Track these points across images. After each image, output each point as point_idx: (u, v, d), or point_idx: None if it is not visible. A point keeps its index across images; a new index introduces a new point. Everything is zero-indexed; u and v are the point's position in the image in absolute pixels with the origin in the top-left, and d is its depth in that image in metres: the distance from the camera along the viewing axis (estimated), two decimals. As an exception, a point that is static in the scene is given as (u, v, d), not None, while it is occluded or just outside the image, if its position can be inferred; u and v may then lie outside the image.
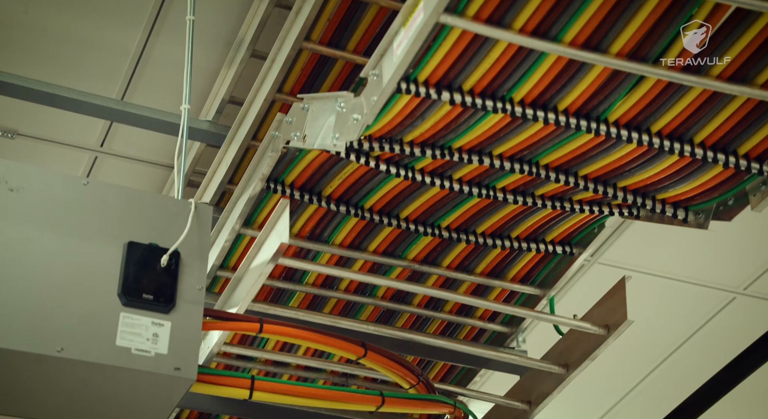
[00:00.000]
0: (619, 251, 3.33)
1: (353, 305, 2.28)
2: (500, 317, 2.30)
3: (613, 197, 1.69)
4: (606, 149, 1.62)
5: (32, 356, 1.45)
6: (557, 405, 2.65)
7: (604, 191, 1.68)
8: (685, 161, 1.61)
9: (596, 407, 4.16)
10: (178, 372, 1.52)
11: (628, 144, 1.56)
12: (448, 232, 2.02)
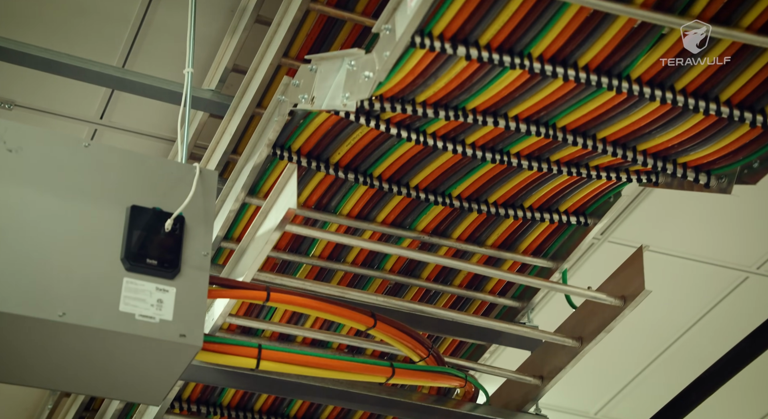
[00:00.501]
0: (630, 229, 3.29)
1: (360, 279, 2.24)
2: (511, 291, 2.26)
3: (633, 161, 1.64)
4: (627, 108, 1.57)
5: (33, 320, 1.41)
6: (567, 386, 2.62)
7: (624, 154, 1.63)
8: (710, 121, 1.57)
9: (607, 387, 4.13)
10: (184, 338, 1.49)
11: (651, 102, 1.51)
12: (459, 201, 1.97)
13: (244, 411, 2.52)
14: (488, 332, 2.25)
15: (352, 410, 2.64)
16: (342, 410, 2.63)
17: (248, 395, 2.57)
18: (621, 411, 4.28)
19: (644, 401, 4.14)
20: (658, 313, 3.49)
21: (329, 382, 2.07)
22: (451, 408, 2.10)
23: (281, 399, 2.62)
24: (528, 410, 2.17)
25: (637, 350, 3.87)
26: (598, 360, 3.58)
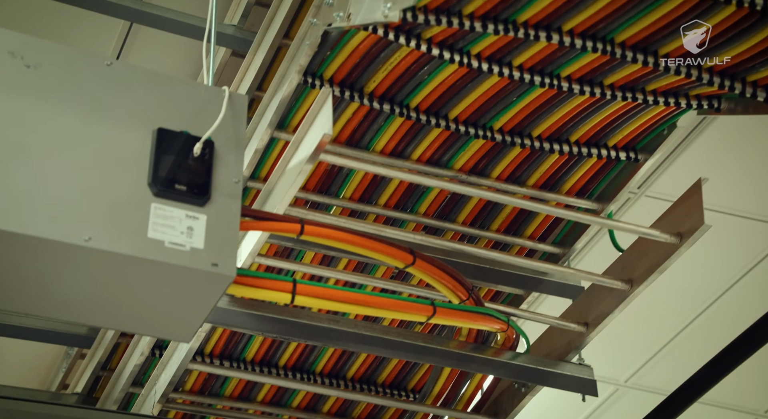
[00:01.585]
0: (668, 183, 3.20)
1: (393, 223, 2.17)
2: (551, 236, 2.18)
3: (697, 80, 1.55)
4: (696, 16, 1.47)
5: (58, 245, 1.35)
6: (596, 353, 2.56)
7: (688, 72, 1.54)
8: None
9: (638, 354, 4.07)
10: (216, 268, 1.42)
11: (726, 6, 1.42)
12: (501, 135, 1.89)
13: (268, 367, 2.47)
14: (527, 279, 2.19)
15: (381, 366, 2.60)
16: (370, 367, 2.59)
17: (272, 350, 2.52)
18: (652, 378, 4.22)
19: (677, 368, 4.07)
20: (693, 273, 3.41)
21: (362, 327, 2.01)
22: (490, 356, 2.03)
23: (307, 355, 2.57)
24: (570, 359, 2.11)
25: (670, 314, 3.79)
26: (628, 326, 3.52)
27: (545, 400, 3.17)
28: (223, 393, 2.55)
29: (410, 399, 2.51)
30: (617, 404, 4.39)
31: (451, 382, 2.41)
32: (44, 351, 3.72)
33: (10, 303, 1.45)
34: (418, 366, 2.65)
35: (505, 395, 2.35)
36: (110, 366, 3.13)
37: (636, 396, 4.30)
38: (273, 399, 2.62)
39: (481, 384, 2.39)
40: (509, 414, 2.33)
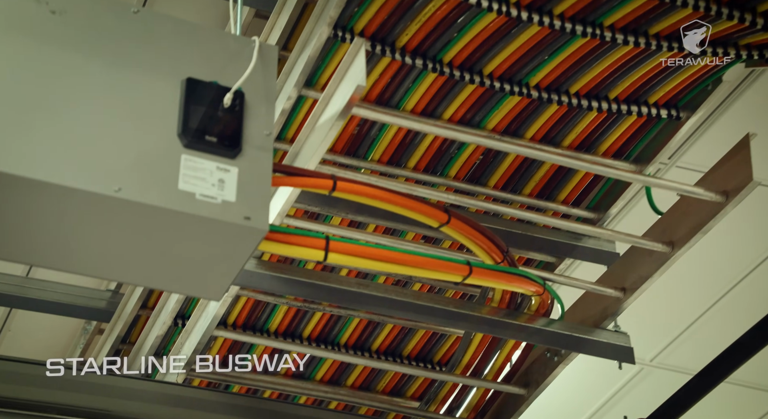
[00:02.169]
0: (699, 153, 3.14)
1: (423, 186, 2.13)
2: (585, 201, 2.14)
3: (750, 25, 1.50)
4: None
5: (87, 195, 1.32)
6: (625, 329, 2.51)
7: (741, 17, 1.49)
8: None
9: (663, 333, 4.02)
10: (248, 221, 1.39)
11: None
12: (537, 92, 1.84)
13: (292, 338, 2.45)
14: (561, 245, 2.14)
15: (407, 338, 2.57)
16: (395, 339, 2.56)
17: (296, 321, 2.50)
18: (678, 357, 4.17)
19: (704, 347, 4.02)
20: (721, 249, 3.35)
21: (393, 292, 1.98)
22: (524, 322, 2.00)
23: (331, 326, 2.54)
24: (606, 326, 2.07)
25: (697, 291, 3.73)
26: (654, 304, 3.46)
27: (570, 380, 3.13)
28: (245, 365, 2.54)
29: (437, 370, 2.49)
30: (642, 383, 4.35)
31: (481, 352, 2.37)
32: (61, 326, 3.72)
33: (38, 258, 1.42)
34: (445, 339, 2.62)
35: (537, 365, 2.32)
36: (130, 339, 3.12)
37: (661, 376, 4.26)
38: (296, 372, 2.60)
39: (511, 354, 2.36)
40: (540, 385, 2.29)
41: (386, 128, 2.00)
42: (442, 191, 1.89)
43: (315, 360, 2.56)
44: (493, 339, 2.33)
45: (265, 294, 2.36)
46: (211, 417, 2.12)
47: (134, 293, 3.12)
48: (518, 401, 2.37)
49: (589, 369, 4.28)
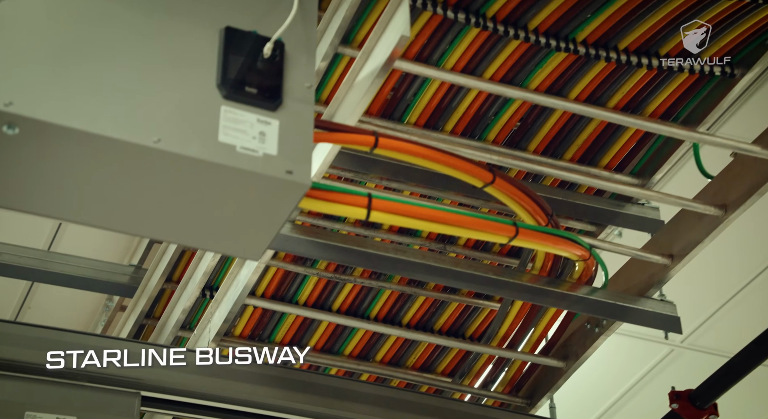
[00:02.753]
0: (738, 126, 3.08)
1: (460, 152, 2.09)
2: (629, 166, 2.08)
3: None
4: None
5: (126, 146, 1.29)
6: None
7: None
8: None
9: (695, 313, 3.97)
10: (290, 175, 1.36)
11: None
12: (584, 47, 1.79)
13: (321, 310, 2.42)
14: (603, 212, 2.10)
15: (439, 311, 2.54)
16: (426, 312, 2.52)
17: (326, 293, 2.47)
18: (709, 339, 4.12)
19: (737, 328, 3.96)
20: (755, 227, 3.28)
21: (431, 258, 1.94)
22: (566, 290, 1.96)
23: (361, 299, 2.51)
24: (651, 295, 2.03)
25: (729, 271, 3.67)
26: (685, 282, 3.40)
27: (598, 362, 3.09)
28: (273, 339, 2.51)
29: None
30: (673, 365, 4.30)
31: (518, 323, 2.34)
32: (82, 302, 3.72)
33: (72, 213, 1.39)
34: (478, 312, 2.58)
35: (576, 336, 2.28)
36: (154, 314, 3.10)
37: (692, 358, 4.21)
38: (325, 346, 2.57)
39: (549, 326, 2.32)
40: (580, 357, 2.26)
41: (422, 91, 1.96)
42: (485, 151, 1.85)
43: (344, 334, 2.53)
44: (531, 311, 2.29)
45: (294, 265, 2.33)
46: (242, 387, 2.09)
47: (158, 268, 3.10)
48: (556, 374, 2.33)
49: (618, 351, 4.25)
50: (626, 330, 4.23)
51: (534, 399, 2.41)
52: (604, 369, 4.15)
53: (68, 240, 3.51)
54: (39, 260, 3.25)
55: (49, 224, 3.47)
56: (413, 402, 2.28)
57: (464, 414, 2.29)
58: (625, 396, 4.43)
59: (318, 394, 2.20)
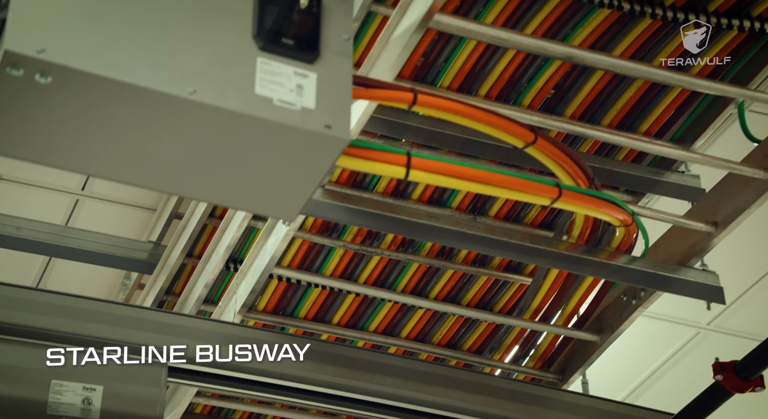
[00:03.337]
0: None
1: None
2: (669, 133, 2.03)
3: None
4: None
5: (161, 97, 1.25)
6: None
7: None
8: None
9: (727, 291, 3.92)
10: (329, 130, 1.32)
11: None
12: (629, 3, 1.74)
13: (347, 283, 2.39)
14: (642, 180, 2.05)
15: (467, 286, 2.50)
16: (454, 287, 2.49)
17: (352, 266, 2.44)
18: (737, 321, 4.06)
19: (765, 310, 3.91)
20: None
21: (465, 225, 1.90)
22: (604, 259, 1.91)
23: (388, 272, 2.48)
24: (693, 265, 1.98)
25: (758, 251, 3.61)
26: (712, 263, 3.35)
27: (623, 343, 3.05)
28: (297, 314, 2.48)
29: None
30: (698, 348, 4.25)
31: (552, 296, 2.30)
32: (100, 280, 3.70)
33: (104, 168, 1.36)
34: (508, 286, 2.54)
35: (611, 309, 2.24)
36: (174, 290, 3.08)
37: (719, 340, 4.16)
38: (349, 322, 2.55)
39: (584, 298, 2.28)
40: (616, 330, 2.22)
41: (455, 55, 1.91)
42: (526, 110, 1.80)
43: (369, 309, 2.50)
44: (565, 283, 2.25)
45: (321, 237, 2.30)
46: (269, 359, 2.07)
47: (179, 242, 3.08)
48: (590, 348, 2.29)
49: (643, 333, 4.20)
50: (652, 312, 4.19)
51: (566, 374, 2.38)
52: (626, 353, 4.11)
53: (85, 216, 3.50)
54: (57, 235, 3.23)
55: (66, 200, 3.45)
56: (443, 375, 2.25)
57: (495, 388, 2.26)
58: (648, 380, 4.38)
59: (347, 366, 2.18)
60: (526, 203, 2.25)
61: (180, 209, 3.39)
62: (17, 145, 1.31)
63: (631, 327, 2.34)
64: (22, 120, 1.26)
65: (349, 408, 2.17)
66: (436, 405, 2.18)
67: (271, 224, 2.23)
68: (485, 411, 2.20)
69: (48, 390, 1.77)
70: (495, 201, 2.24)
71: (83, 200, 3.50)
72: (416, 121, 1.98)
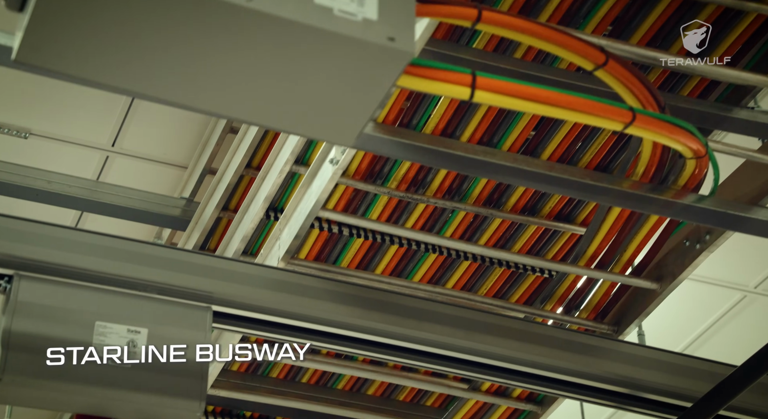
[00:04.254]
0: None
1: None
2: (744, 60, 1.94)
3: None
4: None
5: (216, 5, 1.20)
6: (724, 256, 2.31)
7: None
8: None
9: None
10: (392, 43, 1.25)
11: None
12: None
13: (393, 227, 2.32)
14: (709, 116, 1.97)
15: (515, 235, 2.44)
16: (502, 237, 2.43)
17: (396, 214, 2.38)
18: (786, 284, 3.98)
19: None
20: None
21: (522, 161, 1.83)
22: (671, 198, 1.84)
23: (434, 221, 2.42)
24: (765, 205, 1.90)
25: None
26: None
27: (669, 307, 2.98)
28: (340, 262, 2.44)
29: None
30: (745, 312, 4.18)
31: (609, 241, 2.23)
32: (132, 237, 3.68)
33: (153, 86, 1.31)
34: (558, 236, 2.48)
35: (673, 255, 2.17)
36: (209, 247, 3.05)
37: (766, 304, 4.08)
38: (395, 269, 2.50)
39: (643, 245, 2.21)
40: (677, 277, 2.15)
41: None
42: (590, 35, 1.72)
43: (414, 258, 2.45)
44: (624, 228, 2.18)
45: (365, 183, 2.24)
46: (315, 304, 2.03)
47: (214, 195, 3.04)
48: (648, 297, 2.23)
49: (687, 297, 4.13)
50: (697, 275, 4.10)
51: (621, 325, 2.32)
52: (672, 316, 4.04)
53: (116, 173, 3.47)
54: (88, 189, 3.21)
55: (96, 157, 3.43)
56: (493, 324, 2.20)
57: (548, 337, 2.21)
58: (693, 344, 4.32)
59: (395, 314, 2.13)
60: (581, 145, 2.17)
61: (213, 164, 3.35)
62: (64, 58, 1.25)
63: (677, 289, 2.27)
64: (68, 28, 1.21)
65: (397, 357, 2.13)
66: (485, 354, 2.14)
67: (316, 166, 2.18)
68: (538, 360, 2.15)
69: (92, 332, 1.74)
70: (548, 144, 2.17)
71: (113, 157, 3.47)
72: (469, 53, 1.91)
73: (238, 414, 2.78)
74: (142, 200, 3.26)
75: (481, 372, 2.16)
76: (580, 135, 2.17)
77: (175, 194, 3.50)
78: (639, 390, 2.16)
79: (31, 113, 3.30)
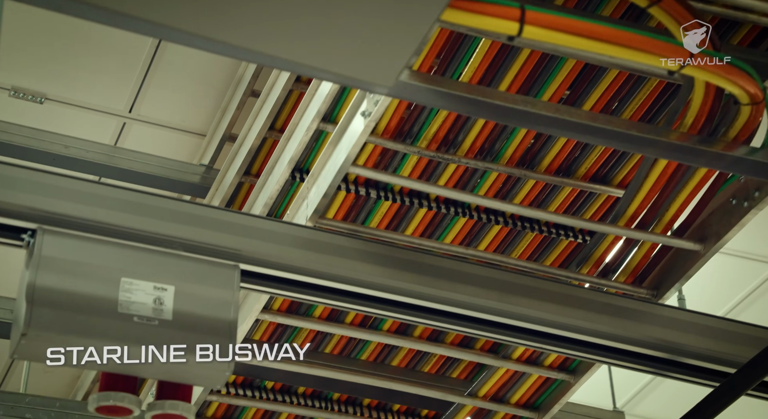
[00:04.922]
0: None
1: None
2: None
3: None
4: None
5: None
6: (755, 225, 2.24)
7: None
8: None
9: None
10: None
11: None
12: None
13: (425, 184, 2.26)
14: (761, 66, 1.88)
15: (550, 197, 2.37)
16: (537, 197, 2.37)
17: (426, 175, 2.33)
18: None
19: None
20: None
21: (563, 112, 1.76)
22: (721, 150, 1.77)
23: (465, 181, 2.36)
24: (820, 158, 1.83)
25: None
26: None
27: (698, 280, 2.92)
28: (368, 223, 2.39)
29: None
30: (787, 282, 4.11)
31: (651, 200, 2.16)
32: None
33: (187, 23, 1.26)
34: (593, 198, 2.42)
35: (718, 214, 2.10)
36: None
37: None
38: (424, 234, 2.44)
39: (687, 203, 2.14)
40: (722, 238, 2.08)
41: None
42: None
43: (444, 221, 2.40)
44: (667, 186, 2.12)
45: (394, 142, 2.18)
46: (344, 263, 1.98)
47: (236, 160, 3.00)
48: (690, 259, 2.16)
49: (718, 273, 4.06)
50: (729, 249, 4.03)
51: (661, 289, 2.25)
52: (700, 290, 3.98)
53: (133, 141, 3.43)
54: (106, 155, 3.18)
55: (113, 123, 3.39)
56: (528, 286, 2.14)
57: (585, 300, 2.16)
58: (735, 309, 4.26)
59: (427, 274, 2.08)
60: (622, 98, 2.11)
61: (233, 130, 3.31)
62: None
63: (707, 264, 2.21)
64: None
65: (427, 320, 2.08)
66: (520, 317, 2.08)
67: (346, 121, 2.12)
68: (575, 324, 2.10)
69: (118, 288, 1.70)
70: (586, 99, 2.11)
71: (130, 124, 3.43)
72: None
73: (259, 385, 2.74)
74: (160, 166, 3.22)
75: (515, 336, 2.10)
76: (621, 90, 2.11)
77: (194, 162, 3.46)
78: (680, 355, 2.11)
79: (46, 77, 3.26)
